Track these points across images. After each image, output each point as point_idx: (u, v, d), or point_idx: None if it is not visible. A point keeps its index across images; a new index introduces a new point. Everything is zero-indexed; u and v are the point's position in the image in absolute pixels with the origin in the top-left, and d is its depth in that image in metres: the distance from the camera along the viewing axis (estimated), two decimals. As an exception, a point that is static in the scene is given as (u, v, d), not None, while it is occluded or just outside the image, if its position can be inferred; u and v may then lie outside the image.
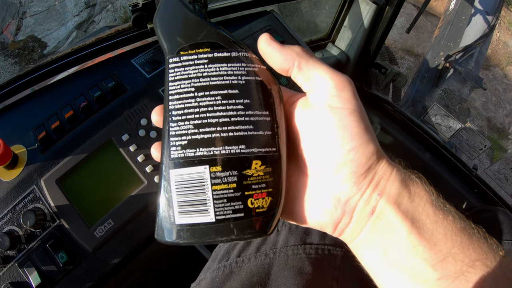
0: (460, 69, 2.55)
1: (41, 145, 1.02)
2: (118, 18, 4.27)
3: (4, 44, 4.31)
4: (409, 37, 4.22)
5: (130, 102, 1.06)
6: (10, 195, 0.98)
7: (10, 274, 0.95)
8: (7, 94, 1.16)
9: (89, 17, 4.31)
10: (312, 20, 2.20)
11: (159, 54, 1.16)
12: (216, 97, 0.47)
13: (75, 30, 4.23)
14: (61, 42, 4.20)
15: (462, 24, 2.82)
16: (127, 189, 0.99)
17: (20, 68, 4.12)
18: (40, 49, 4.23)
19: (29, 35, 4.28)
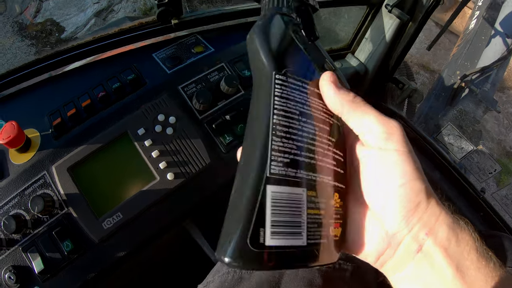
0: (476, 89, 2.54)
1: (55, 131, 1.02)
2: (137, 9, 4.28)
3: (22, 25, 4.33)
4: (425, 52, 4.20)
5: (149, 97, 1.05)
6: (20, 178, 0.98)
7: (13, 257, 0.94)
8: (24, 77, 1.16)
9: (109, 5, 4.32)
10: (334, 29, 2.19)
11: (181, 50, 1.16)
12: (315, 128, 0.48)
13: (93, 18, 4.24)
14: (79, 28, 4.21)
15: (481, 45, 2.81)
16: (138, 184, 0.99)
17: (36, 50, 4.15)
18: (57, 33, 4.25)
19: (48, 18, 4.30)
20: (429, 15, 1.52)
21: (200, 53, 1.15)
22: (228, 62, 1.14)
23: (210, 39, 1.20)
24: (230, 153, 1.07)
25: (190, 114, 1.05)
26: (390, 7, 1.49)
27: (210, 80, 1.10)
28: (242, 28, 1.28)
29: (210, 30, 1.25)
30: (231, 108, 1.09)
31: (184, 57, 1.14)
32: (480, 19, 2.92)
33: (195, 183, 1.02)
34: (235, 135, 1.07)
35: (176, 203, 1.01)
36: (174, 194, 1.00)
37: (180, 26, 1.18)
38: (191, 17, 1.18)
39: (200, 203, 1.05)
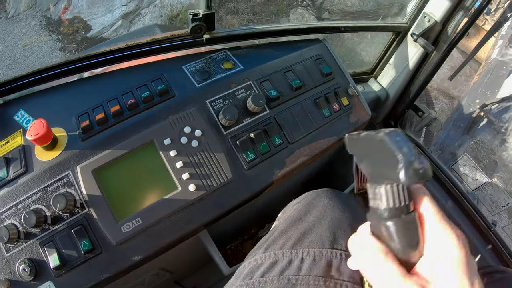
0: (494, 120, 2.53)
1: (83, 133, 1.05)
2: (164, 14, 4.34)
3: (50, 20, 4.41)
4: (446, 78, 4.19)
5: (177, 108, 1.08)
6: (44, 175, 1.01)
7: (30, 250, 0.97)
8: (55, 75, 1.18)
9: (136, 8, 4.39)
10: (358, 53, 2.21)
11: (210, 65, 1.19)
12: None
13: (120, 19, 4.31)
14: (105, 28, 4.28)
15: (502, 74, 2.80)
16: (160, 192, 1.01)
17: (62, 46, 4.21)
18: (84, 31, 4.32)
19: (76, 16, 4.38)
20: (454, 46, 1.54)
21: (229, 70, 1.18)
22: (255, 80, 1.17)
23: (239, 56, 1.23)
24: (252, 171, 1.09)
25: (215, 128, 1.08)
26: (415, 36, 1.51)
27: (237, 97, 1.13)
28: (271, 47, 1.30)
29: (240, 47, 1.28)
30: (256, 127, 1.12)
31: (213, 72, 1.17)
32: (503, 48, 2.92)
33: (215, 196, 1.05)
34: (258, 153, 1.10)
35: (195, 214, 1.03)
36: (194, 206, 1.03)
37: (211, 41, 1.21)
38: (223, 33, 1.20)
39: (219, 217, 1.07)
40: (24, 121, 1.11)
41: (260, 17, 4.30)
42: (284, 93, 1.18)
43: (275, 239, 0.89)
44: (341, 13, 4.39)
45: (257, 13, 4.30)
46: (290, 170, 1.14)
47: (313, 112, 1.21)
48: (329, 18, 4.38)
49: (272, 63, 1.22)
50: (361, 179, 0.67)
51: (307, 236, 0.86)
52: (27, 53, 4.15)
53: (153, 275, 1.31)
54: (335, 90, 1.27)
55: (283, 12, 4.37)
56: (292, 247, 0.84)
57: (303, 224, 0.89)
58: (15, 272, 0.96)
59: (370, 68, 1.79)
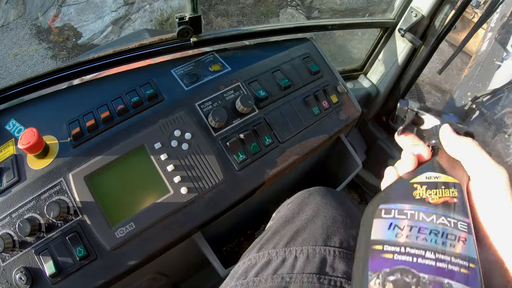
0: (486, 112, 2.54)
1: (74, 140, 1.05)
2: (154, 19, 4.34)
3: (40, 29, 4.41)
4: (436, 72, 4.22)
5: (166, 112, 1.09)
6: (37, 183, 1.01)
7: (25, 259, 0.97)
8: (44, 84, 1.19)
9: (126, 14, 4.39)
10: (347, 50, 2.22)
11: (198, 68, 1.20)
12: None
13: (111, 25, 4.31)
14: (96, 35, 4.28)
15: (492, 67, 2.81)
16: (152, 196, 1.02)
17: (53, 54, 4.21)
18: (74, 38, 4.32)
19: (66, 23, 4.38)
20: (441, 40, 1.55)
21: (217, 72, 1.18)
22: (244, 81, 1.17)
23: (227, 57, 1.23)
24: (243, 171, 1.10)
25: (205, 131, 1.09)
26: (403, 32, 1.52)
27: (226, 98, 1.14)
28: (259, 47, 1.31)
29: (227, 49, 1.29)
30: (245, 127, 1.12)
31: (201, 74, 1.17)
32: (493, 41, 2.93)
33: (207, 198, 1.06)
34: (249, 154, 1.10)
35: (188, 217, 1.04)
36: (186, 208, 1.04)
37: (198, 44, 1.21)
38: (210, 35, 1.21)
39: (212, 218, 1.07)
40: (15, 131, 1.12)
41: (250, 18, 4.30)
42: (272, 92, 1.19)
43: (269, 239, 0.90)
44: (330, 11, 4.40)
45: (246, 15, 4.31)
46: (282, 169, 1.14)
47: (302, 110, 1.21)
48: (319, 17, 4.39)
49: (260, 63, 1.23)
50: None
51: (300, 234, 0.87)
52: (18, 63, 4.15)
53: (150, 280, 1.31)
54: (324, 88, 1.27)
55: (273, 13, 4.37)
56: (285, 245, 0.85)
57: (296, 223, 0.90)
58: (12, 281, 0.96)
59: (360, 65, 1.80)
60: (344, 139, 1.42)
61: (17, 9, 4.57)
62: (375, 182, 2.10)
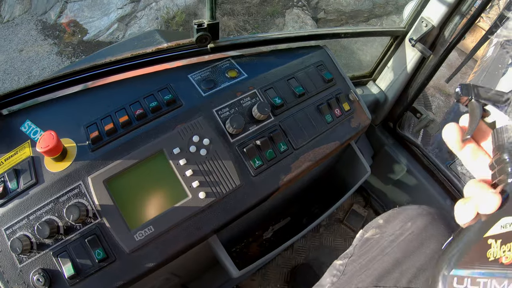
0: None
1: (93, 144, 1.06)
2: (160, 17, 4.34)
3: (46, 24, 4.40)
4: (442, 76, 4.22)
5: (184, 117, 1.10)
6: (55, 186, 1.02)
7: (43, 261, 0.99)
8: (59, 86, 1.20)
9: (132, 11, 4.39)
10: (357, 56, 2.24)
11: (215, 74, 1.21)
12: None
13: (116, 22, 4.31)
14: (101, 32, 4.28)
15: (497, 73, 2.81)
16: (171, 200, 1.04)
17: (58, 50, 4.21)
18: (80, 35, 4.32)
19: (71, 19, 4.38)
20: (451, 50, 1.57)
21: (234, 78, 1.20)
22: (260, 88, 1.19)
23: (243, 64, 1.25)
24: (259, 177, 1.12)
25: (223, 137, 1.11)
26: (413, 42, 1.54)
27: (243, 105, 1.16)
28: (274, 54, 1.32)
29: (243, 55, 1.30)
30: (262, 134, 1.15)
31: (218, 80, 1.19)
32: (498, 47, 2.93)
33: (224, 203, 1.08)
34: (264, 160, 1.12)
35: (206, 220, 1.06)
36: (204, 212, 1.06)
37: (215, 50, 1.23)
38: (227, 42, 1.23)
39: (228, 222, 1.09)
40: (31, 132, 1.13)
41: (256, 18, 4.30)
42: (287, 100, 1.21)
43: (389, 270, 0.87)
44: (336, 12, 4.40)
45: (252, 14, 4.31)
46: (296, 175, 1.16)
47: (316, 118, 1.23)
48: (325, 18, 4.39)
49: (275, 70, 1.25)
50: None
51: (424, 272, 0.84)
52: (23, 58, 4.15)
53: (163, 280, 1.33)
54: (336, 96, 1.29)
55: (279, 13, 4.37)
56: (408, 283, 0.83)
57: (419, 257, 0.87)
58: (29, 282, 0.98)
59: (369, 71, 1.82)
60: (354, 145, 1.45)
61: (23, 4, 4.57)
62: (381, 186, 2.12)
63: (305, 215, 1.70)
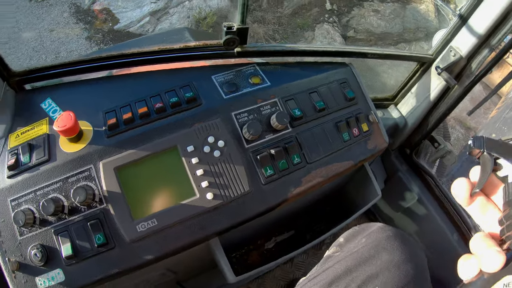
0: (510, 157, 2.51)
1: (109, 130, 1.07)
2: (191, 16, 4.37)
3: (79, 8, 4.46)
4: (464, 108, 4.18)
5: (202, 117, 1.11)
6: (66, 166, 1.03)
7: (43, 237, 1.00)
8: (85, 69, 1.22)
9: (165, 7, 4.42)
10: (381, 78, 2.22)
11: (239, 78, 1.22)
12: None
13: (148, 16, 4.35)
14: (132, 23, 4.32)
15: (521, 112, 2.77)
16: (178, 196, 1.04)
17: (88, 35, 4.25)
18: (111, 23, 4.36)
19: (105, 7, 4.43)
20: (476, 82, 1.55)
21: (257, 85, 1.20)
22: (281, 98, 1.19)
23: (267, 72, 1.25)
24: (268, 186, 1.12)
25: (238, 141, 1.11)
26: (440, 70, 1.52)
27: (262, 112, 1.16)
28: (299, 66, 1.32)
29: (268, 63, 1.30)
30: (277, 143, 1.14)
31: (241, 85, 1.20)
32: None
33: (231, 207, 1.07)
34: (276, 170, 1.12)
35: (210, 222, 1.06)
36: (209, 213, 1.06)
37: (242, 54, 1.23)
38: (254, 48, 1.23)
39: (232, 227, 1.09)
40: (50, 110, 1.14)
41: (285, 29, 4.31)
42: (307, 113, 1.20)
43: (340, 276, 0.90)
44: (366, 33, 4.38)
45: (283, 24, 4.31)
46: (305, 189, 1.16)
47: (333, 135, 1.23)
48: (354, 37, 4.38)
49: (299, 82, 1.24)
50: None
51: (373, 280, 0.87)
52: (53, 38, 4.20)
53: (159, 275, 1.33)
54: (356, 115, 1.28)
55: (309, 26, 4.37)
56: None
57: (370, 267, 0.89)
58: (26, 255, 0.99)
59: (392, 94, 1.81)
60: (367, 167, 1.43)
61: (59, -15, 4.63)
62: (389, 211, 2.09)
63: (310, 230, 1.69)
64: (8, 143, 1.10)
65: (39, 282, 0.99)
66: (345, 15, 4.45)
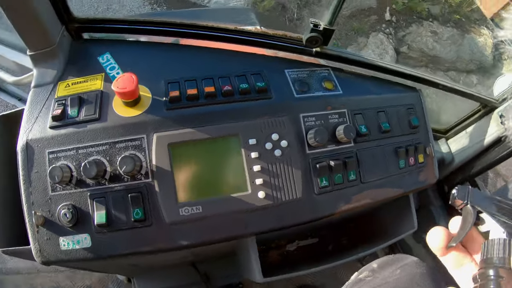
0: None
1: (170, 102, 1.02)
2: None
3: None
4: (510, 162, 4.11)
5: (270, 111, 1.05)
6: (117, 130, 0.98)
7: (77, 198, 0.95)
8: (150, 31, 1.17)
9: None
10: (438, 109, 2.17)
11: (312, 79, 1.16)
12: None
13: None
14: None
15: None
16: (229, 188, 0.99)
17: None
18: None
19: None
20: (537, 141, 1.50)
21: (329, 90, 1.14)
22: (351, 110, 1.13)
23: (341, 79, 1.19)
24: (320, 197, 1.06)
25: (301, 145, 1.05)
26: (502, 119, 1.47)
27: (329, 120, 1.10)
28: (372, 80, 1.26)
29: (343, 70, 1.25)
30: (337, 156, 1.09)
31: (313, 87, 1.14)
32: None
33: (279, 209, 1.02)
34: (331, 182, 1.07)
35: (255, 220, 1.01)
36: (256, 212, 1.01)
37: (319, 55, 1.18)
38: (333, 51, 1.17)
39: (275, 229, 1.05)
40: (108, 66, 1.10)
41: (340, 29, 4.23)
42: (372, 132, 1.15)
43: None
44: (419, 52, 4.29)
45: (338, 24, 4.22)
46: (353, 207, 1.11)
47: (391, 159, 1.18)
48: (407, 54, 4.30)
49: (370, 98, 1.18)
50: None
51: None
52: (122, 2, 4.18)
53: (182, 257, 1.29)
54: (416, 144, 1.23)
55: (364, 32, 4.30)
56: None
57: None
58: (55, 213, 0.95)
59: (445, 128, 1.76)
60: (411, 198, 1.38)
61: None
62: (412, 242, 2.05)
63: (333, 241, 1.65)
64: (56, 90, 1.05)
65: (62, 243, 0.95)
66: (402, 30, 4.36)
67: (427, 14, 4.50)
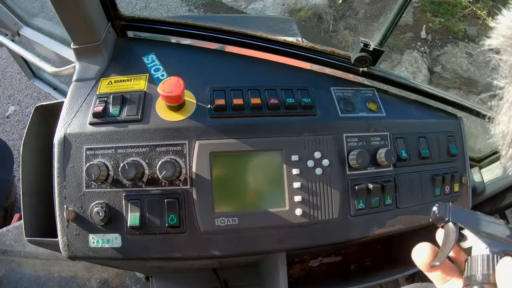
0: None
1: (215, 110, 1.01)
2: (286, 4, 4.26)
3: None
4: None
5: (315, 129, 1.04)
6: (159, 133, 0.98)
7: (112, 198, 0.96)
8: (196, 35, 1.17)
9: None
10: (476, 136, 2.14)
11: (357, 98, 1.15)
12: None
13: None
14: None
15: None
16: (267, 203, 0.98)
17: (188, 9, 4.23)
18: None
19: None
20: None
21: (372, 112, 1.13)
22: (393, 134, 1.12)
23: (385, 101, 1.17)
24: (355, 219, 1.05)
25: (342, 165, 1.04)
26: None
27: (371, 143, 1.09)
28: (415, 104, 1.25)
29: (387, 92, 1.23)
30: (376, 179, 1.08)
31: (357, 107, 1.12)
32: None
33: (314, 228, 1.02)
34: (368, 205, 1.06)
35: (289, 237, 1.01)
36: (292, 229, 1.00)
37: (365, 74, 1.17)
38: (380, 72, 1.16)
39: (308, 247, 1.04)
40: (153, 68, 1.10)
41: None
42: (412, 157, 1.13)
43: None
44: (453, 73, 4.23)
45: (373, 38, 4.21)
46: (386, 232, 1.10)
47: (427, 186, 1.16)
48: (440, 74, 4.25)
49: (412, 122, 1.17)
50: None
51: None
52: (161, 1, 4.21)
53: (208, 263, 1.29)
54: (452, 172, 1.21)
55: (398, 49, 4.26)
56: None
57: None
58: (87, 210, 0.95)
59: (479, 157, 1.73)
60: (441, 228, 1.36)
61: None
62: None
63: (356, 261, 1.63)
64: (98, 87, 1.05)
65: (91, 240, 0.96)
66: (437, 49, 4.31)
67: (463, 35, 4.44)
